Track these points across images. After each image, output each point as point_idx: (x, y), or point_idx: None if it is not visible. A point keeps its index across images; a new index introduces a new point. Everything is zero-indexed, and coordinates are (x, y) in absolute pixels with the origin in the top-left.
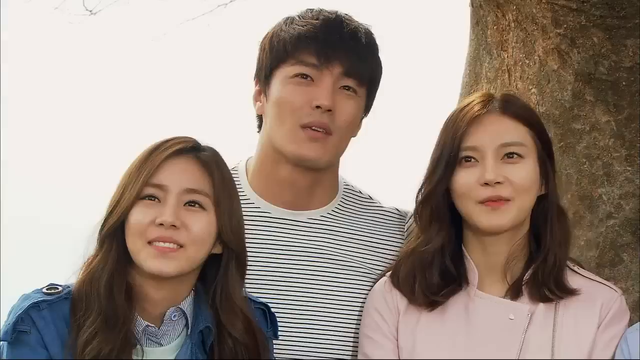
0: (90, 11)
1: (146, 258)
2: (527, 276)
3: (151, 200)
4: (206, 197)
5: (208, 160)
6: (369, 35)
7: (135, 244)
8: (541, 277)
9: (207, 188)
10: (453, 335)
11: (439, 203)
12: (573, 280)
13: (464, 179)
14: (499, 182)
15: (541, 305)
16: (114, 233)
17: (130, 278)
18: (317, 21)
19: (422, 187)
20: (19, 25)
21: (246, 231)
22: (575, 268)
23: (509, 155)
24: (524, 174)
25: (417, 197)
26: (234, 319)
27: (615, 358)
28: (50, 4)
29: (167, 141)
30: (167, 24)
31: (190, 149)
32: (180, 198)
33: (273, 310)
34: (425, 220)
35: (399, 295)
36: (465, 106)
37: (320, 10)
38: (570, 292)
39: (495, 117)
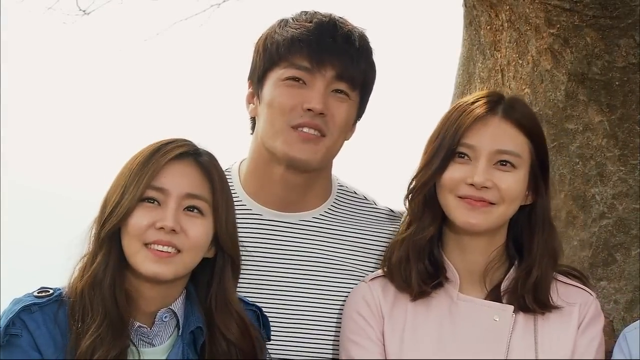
0: (84, 11)
1: (143, 261)
2: (504, 286)
3: (151, 203)
4: (205, 202)
5: (208, 165)
6: (362, 39)
7: (132, 246)
8: (520, 289)
9: (206, 193)
10: (439, 338)
11: (432, 192)
12: (552, 288)
13: (452, 174)
14: (485, 187)
15: (521, 312)
16: (113, 234)
17: (127, 280)
18: (310, 24)
19: (417, 174)
20: (15, 25)
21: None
22: (556, 275)
23: (502, 162)
24: (513, 183)
25: (410, 184)
26: (229, 322)
27: (615, 356)
28: (43, 4)
29: (167, 144)
30: (160, 23)
31: (190, 153)
32: (181, 202)
33: (265, 311)
34: (418, 208)
35: (382, 300)
36: (473, 102)
37: (315, 13)
38: (551, 308)
39: (498, 121)
